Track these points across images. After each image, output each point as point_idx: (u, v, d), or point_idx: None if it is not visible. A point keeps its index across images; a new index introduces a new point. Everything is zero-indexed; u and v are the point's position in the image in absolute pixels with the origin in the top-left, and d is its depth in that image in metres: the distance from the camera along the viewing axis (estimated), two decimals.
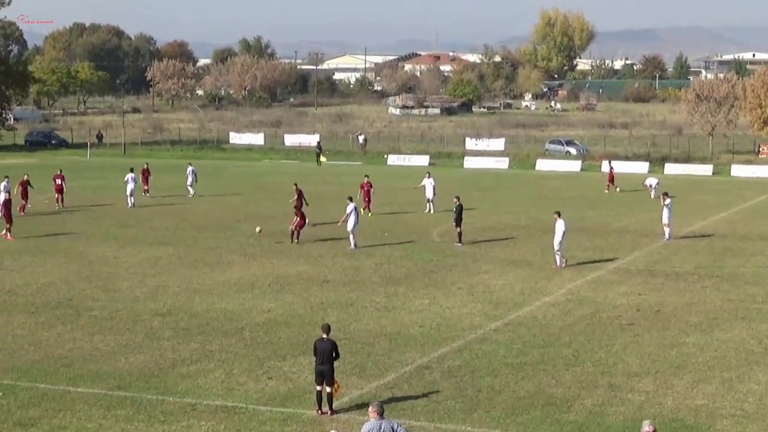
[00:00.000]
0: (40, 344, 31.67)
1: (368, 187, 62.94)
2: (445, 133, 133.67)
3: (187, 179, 73.22)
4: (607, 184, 77.63)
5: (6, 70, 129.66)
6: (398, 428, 20.01)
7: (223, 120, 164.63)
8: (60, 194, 66.06)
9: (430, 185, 63.34)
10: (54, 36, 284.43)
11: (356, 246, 49.13)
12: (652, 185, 72.83)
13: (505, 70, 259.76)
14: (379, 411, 20.10)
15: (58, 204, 65.70)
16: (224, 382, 27.94)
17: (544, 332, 33.49)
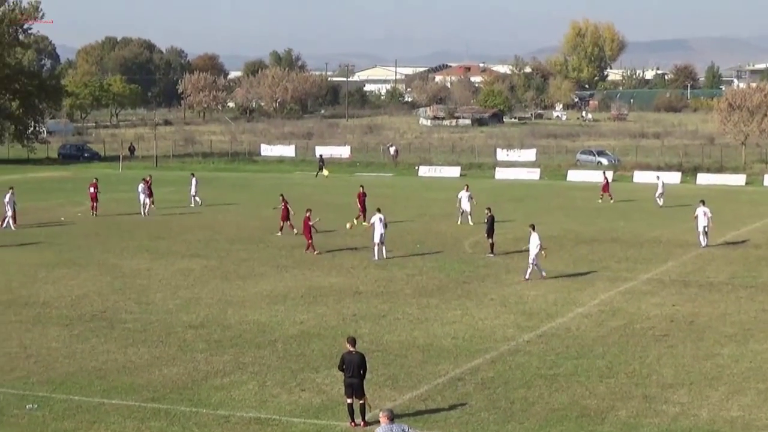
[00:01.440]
0: (74, 356, 31.79)
1: (363, 197, 63.48)
2: (476, 144, 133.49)
3: (191, 190, 73.97)
4: (601, 193, 77.44)
5: (39, 84, 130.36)
6: (409, 431, 20.44)
7: (255, 132, 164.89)
8: (94, 203, 66.70)
9: (467, 197, 63.02)
10: (86, 50, 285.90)
11: (378, 258, 49.17)
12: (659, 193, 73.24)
13: (535, 80, 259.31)
14: (389, 416, 20.50)
15: (92, 212, 66.40)
16: (257, 394, 27.97)
17: (577, 343, 33.38)
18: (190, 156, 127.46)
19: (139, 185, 68.63)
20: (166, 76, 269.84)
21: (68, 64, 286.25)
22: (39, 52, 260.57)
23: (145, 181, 69.18)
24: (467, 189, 64.38)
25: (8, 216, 61.46)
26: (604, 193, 77.03)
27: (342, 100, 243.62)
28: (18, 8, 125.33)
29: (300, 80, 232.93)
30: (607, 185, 77.75)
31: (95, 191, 67.68)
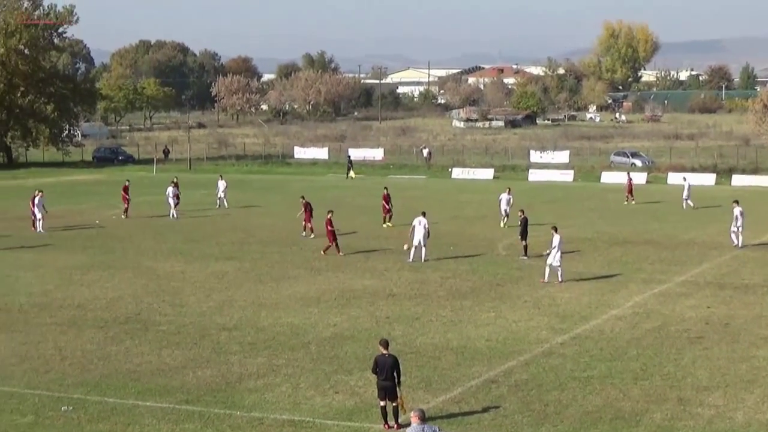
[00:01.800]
0: (109, 359, 31.93)
1: (387, 198, 64.00)
2: (509, 146, 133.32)
3: (218, 192, 74.44)
4: (626, 195, 77.18)
5: (74, 88, 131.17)
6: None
7: (288, 134, 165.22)
8: (126, 205, 67.57)
9: (506, 200, 62.71)
10: (120, 53, 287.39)
11: (414, 260, 49.20)
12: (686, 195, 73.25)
13: (568, 82, 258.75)
14: (420, 416, 20.54)
15: (124, 215, 66.90)
16: (291, 397, 28.01)
17: (611, 346, 33.27)
18: (224, 159, 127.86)
19: (168, 188, 69.15)
20: (200, 78, 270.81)
21: (102, 67, 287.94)
22: (74, 55, 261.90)
23: (174, 184, 69.61)
24: (509, 192, 63.83)
25: (38, 219, 61.82)
26: (629, 195, 76.84)
27: (375, 103, 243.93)
28: (53, 12, 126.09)
29: (333, 82, 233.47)
30: (630, 187, 77.51)
31: (125, 194, 68.51)
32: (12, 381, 29.52)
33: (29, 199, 63.81)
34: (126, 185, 69.57)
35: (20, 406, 27.29)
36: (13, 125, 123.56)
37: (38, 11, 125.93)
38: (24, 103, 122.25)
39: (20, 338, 34.61)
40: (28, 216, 63.43)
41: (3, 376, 29.99)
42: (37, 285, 44.22)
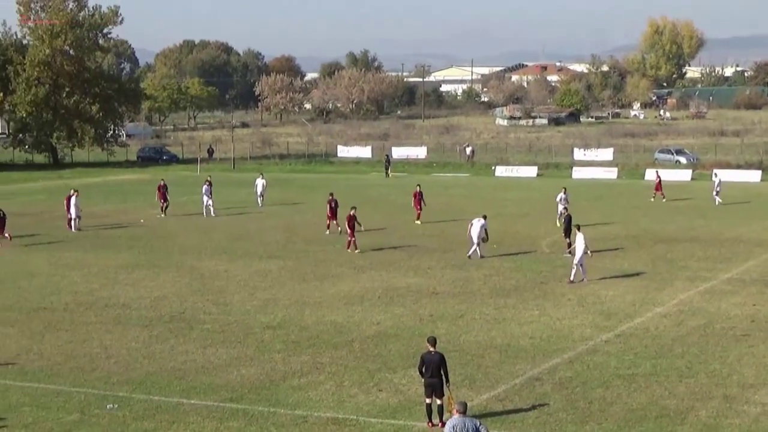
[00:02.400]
0: (153, 357, 32.10)
1: (419, 196, 64.16)
2: (552, 144, 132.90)
3: (257, 190, 75.01)
4: (654, 192, 76.70)
5: (119, 88, 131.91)
6: (480, 426, 20.63)
7: (331, 133, 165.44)
8: (163, 203, 68.86)
9: (564, 201, 61.71)
10: (165, 53, 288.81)
11: (471, 257, 49.58)
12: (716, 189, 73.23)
13: (612, 79, 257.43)
14: (461, 410, 20.66)
15: (161, 213, 67.97)
16: (335, 395, 28.05)
17: (656, 343, 33.11)
18: (267, 158, 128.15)
19: (204, 186, 69.68)
20: (244, 78, 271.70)
21: (147, 67, 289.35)
22: (118, 56, 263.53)
23: (209, 183, 70.16)
24: (565, 191, 63.10)
25: (74, 218, 62.27)
26: (657, 192, 76.35)
27: (418, 101, 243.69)
28: (98, 13, 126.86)
29: (376, 81, 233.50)
30: (659, 184, 77.06)
31: (162, 192, 69.33)
32: (58, 379, 29.74)
33: (64, 199, 64.26)
34: (161, 185, 70.12)
35: (66, 404, 27.49)
36: (59, 126, 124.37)
37: (83, 12, 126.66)
38: (69, 103, 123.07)
39: (66, 337, 34.86)
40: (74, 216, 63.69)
41: (49, 375, 30.22)
42: (83, 284, 44.52)
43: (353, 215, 52.81)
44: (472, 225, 50.41)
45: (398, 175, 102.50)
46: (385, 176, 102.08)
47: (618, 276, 44.82)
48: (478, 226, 50.06)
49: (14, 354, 32.64)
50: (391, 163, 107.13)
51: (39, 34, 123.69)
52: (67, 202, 63.17)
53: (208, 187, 69.66)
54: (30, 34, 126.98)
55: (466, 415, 20.69)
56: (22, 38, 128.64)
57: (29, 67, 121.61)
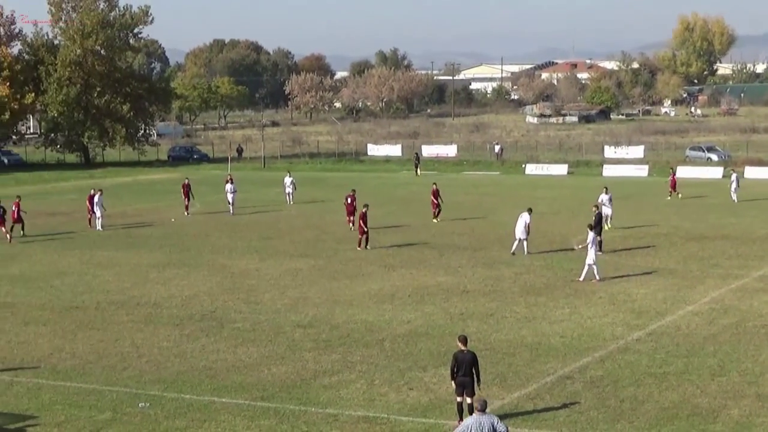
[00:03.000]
0: (185, 356, 32.20)
1: (437, 194, 64.26)
2: (583, 141, 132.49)
3: (286, 189, 75.63)
4: (670, 190, 76.29)
5: (149, 87, 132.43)
6: (498, 424, 20.48)
7: (361, 132, 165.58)
8: (187, 201, 69.64)
9: (608, 200, 59.18)
10: (195, 53, 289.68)
11: (515, 253, 50.12)
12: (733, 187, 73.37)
13: (643, 76, 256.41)
14: (480, 407, 20.55)
15: (185, 212, 68.84)
16: (365, 393, 28.07)
17: (687, 342, 32.99)
18: (297, 157, 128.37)
19: (227, 185, 70.35)
20: (274, 77, 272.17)
21: (177, 67, 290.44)
22: (149, 55, 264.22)
23: (231, 180, 71.09)
24: (607, 191, 60.37)
25: (98, 217, 62.58)
26: (673, 191, 75.96)
27: (448, 99, 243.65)
28: (128, 13, 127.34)
29: (406, 79, 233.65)
30: (674, 182, 76.68)
31: (186, 191, 69.91)
32: (90, 378, 29.88)
33: (87, 198, 64.62)
34: (185, 183, 70.69)
35: (98, 402, 27.61)
36: (90, 125, 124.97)
37: (114, 12, 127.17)
38: (100, 103, 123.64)
39: (98, 336, 35.02)
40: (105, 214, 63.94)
41: (81, 373, 30.36)
42: (114, 283, 44.71)
43: (365, 213, 53.09)
44: (518, 221, 50.58)
45: (428, 174, 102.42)
46: (415, 174, 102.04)
47: (649, 274, 44.67)
48: (521, 221, 50.32)
49: (47, 353, 32.81)
50: (420, 161, 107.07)
51: (70, 34, 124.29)
52: (90, 201, 63.55)
53: (232, 184, 70.17)
54: (61, 34, 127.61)
55: (486, 413, 20.59)
56: (53, 38, 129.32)
57: (61, 67, 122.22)
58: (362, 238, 52.93)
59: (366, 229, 52.76)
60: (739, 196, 72.39)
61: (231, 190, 69.77)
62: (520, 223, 50.26)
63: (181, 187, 70.96)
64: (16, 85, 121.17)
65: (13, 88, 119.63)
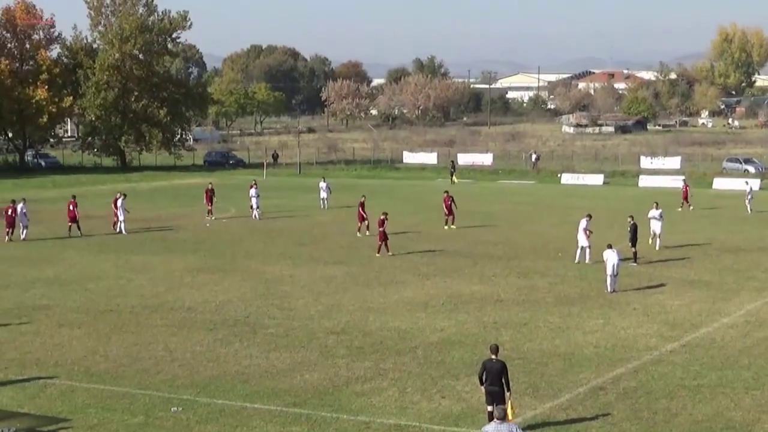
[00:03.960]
0: (218, 360, 32.27)
1: (449, 201, 64.48)
2: (619, 152, 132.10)
3: (320, 194, 76.41)
4: (682, 201, 75.96)
5: (186, 92, 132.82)
6: (516, 431, 20.48)
7: (397, 139, 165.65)
8: (209, 206, 70.69)
9: (658, 215, 55.98)
10: (232, 58, 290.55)
11: (578, 261, 50.46)
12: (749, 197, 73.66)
13: (680, 87, 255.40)
14: (498, 416, 20.64)
15: (209, 215, 69.94)
16: (398, 401, 28.05)
17: (722, 354, 32.81)
18: (333, 163, 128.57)
19: (251, 189, 70.96)
20: (310, 83, 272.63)
21: (214, 72, 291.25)
22: (186, 60, 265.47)
23: (255, 185, 71.87)
24: (657, 206, 56.70)
25: (121, 221, 62.94)
26: (685, 202, 75.69)
27: (484, 108, 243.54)
28: (167, 17, 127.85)
29: (442, 87, 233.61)
30: (686, 193, 76.42)
31: (209, 196, 70.96)
32: (123, 381, 29.99)
33: (112, 202, 65.00)
34: (208, 188, 71.88)
35: (131, 406, 27.71)
36: (127, 129, 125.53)
37: (153, 17, 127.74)
38: (138, 107, 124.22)
39: (132, 339, 35.15)
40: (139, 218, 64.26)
41: (115, 377, 30.48)
42: (149, 287, 44.87)
43: (383, 220, 53.64)
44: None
45: (464, 182, 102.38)
46: (451, 182, 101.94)
47: (684, 285, 44.48)
48: (580, 228, 50.69)
49: (81, 355, 32.97)
50: (456, 168, 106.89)
51: (109, 39, 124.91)
52: (115, 205, 63.92)
53: (256, 189, 70.85)
54: (100, 38, 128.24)
55: (504, 421, 20.59)
56: (92, 42, 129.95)
57: (99, 71, 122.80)
58: (381, 244, 53.38)
59: (385, 236, 53.39)
60: (747, 206, 73.01)
61: (255, 194, 70.22)
62: (580, 230, 50.60)
63: (204, 192, 71.85)
64: (55, 88, 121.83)
65: (51, 91, 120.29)
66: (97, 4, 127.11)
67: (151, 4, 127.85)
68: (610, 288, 43.12)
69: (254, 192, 70.47)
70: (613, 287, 43.12)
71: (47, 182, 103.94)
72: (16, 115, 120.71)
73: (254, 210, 70.25)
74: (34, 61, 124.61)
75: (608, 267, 43.21)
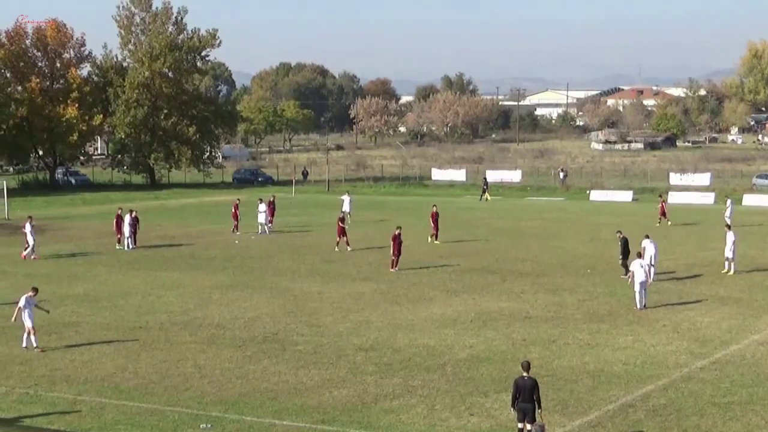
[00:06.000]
0: (246, 377, 32.31)
1: (436, 216, 65.57)
2: (648, 168, 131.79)
3: (344, 207, 77.25)
4: (660, 217, 75.78)
5: (215, 110, 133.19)
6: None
7: (425, 156, 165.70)
8: (236, 222, 71.92)
9: (731, 240, 53.26)
10: (261, 76, 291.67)
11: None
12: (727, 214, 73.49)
13: (710, 103, 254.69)
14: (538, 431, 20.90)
15: (234, 231, 71.23)
16: (426, 418, 28.01)
17: (752, 371, 32.64)
18: (362, 180, 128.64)
19: (260, 205, 71.79)
20: (339, 101, 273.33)
21: (243, 89, 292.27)
22: (216, 78, 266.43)
23: (268, 202, 73.47)
24: (729, 228, 55.01)
25: (128, 236, 63.43)
26: (662, 217, 75.65)
27: (513, 125, 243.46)
28: (196, 36, 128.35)
29: (471, 104, 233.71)
30: (663, 208, 76.38)
31: (236, 211, 72.19)
32: (153, 398, 30.06)
33: (117, 218, 65.45)
34: (236, 203, 73.31)
35: (160, 422, 27.76)
36: (157, 147, 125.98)
37: (182, 35, 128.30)
38: (167, 125, 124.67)
39: (161, 356, 35.23)
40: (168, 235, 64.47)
41: (144, 393, 30.55)
42: (178, 304, 44.99)
43: (398, 234, 54.47)
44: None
45: (493, 198, 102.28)
46: (479, 200, 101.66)
47: (714, 302, 44.30)
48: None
49: (110, 372, 33.06)
50: (488, 186, 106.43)
51: (139, 57, 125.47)
52: (117, 222, 64.85)
53: (263, 204, 71.77)
54: (130, 56, 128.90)
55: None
56: (122, 60, 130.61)
57: (129, 89, 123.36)
58: (395, 259, 53.95)
59: (398, 252, 54.13)
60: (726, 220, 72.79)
61: (262, 210, 71.18)
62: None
63: (233, 207, 73.03)
64: (85, 106, 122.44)
65: (81, 109, 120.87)
66: (127, 23, 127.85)
67: (181, 22, 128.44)
68: (639, 304, 42.95)
69: (262, 207, 71.42)
70: (643, 302, 42.92)
71: (77, 200, 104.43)
72: (46, 133, 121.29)
73: (266, 225, 71.12)
74: (64, 80, 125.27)
75: (636, 281, 42.99)
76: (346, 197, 78.19)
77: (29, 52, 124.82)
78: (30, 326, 36.13)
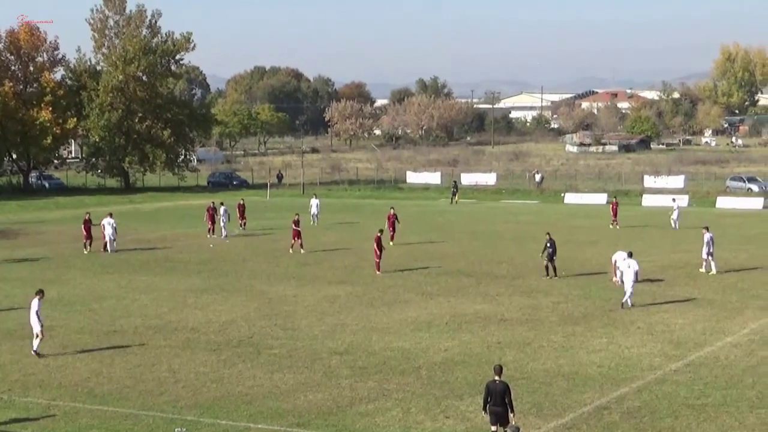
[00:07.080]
0: (221, 381, 32.24)
1: (393, 218, 66.48)
2: (623, 171, 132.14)
3: (311, 210, 78.27)
4: (612, 219, 76.28)
5: (190, 113, 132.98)
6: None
7: (400, 159, 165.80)
8: (212, 225, 71.90)
9: (707, 240, 53.91)
10: (236, 79, 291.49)
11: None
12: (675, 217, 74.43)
13: (683, 106, 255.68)
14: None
15: (209, 234, 71.43)
16: (401, 421, 28.00)
17: (726, 373, 32.75)
18: (337, 183, 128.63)
19: (221, 208, 71.89)
20: (314, 104, 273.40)
21: (218, 93, 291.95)
22: (190, 82, 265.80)
23: (239, 205, 75.25)
24: (708, 230, 54.97)
25: (108, 240, 63.42)
26: (614, 219, 76.13)
27: (488, 127, 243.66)
28: (171, 39, 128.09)
29: (446, 108, 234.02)
30: (615, 210, 76.78)
31: (210, 214, 72.19)
32: (127, 402, 29.96)
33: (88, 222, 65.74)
34: (210, 206, 73.08)
35: (135, 427, 27.67)
36: (131, 150, 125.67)
37: (156, 39, 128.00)
38: (141, 128, 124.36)
39: (135, 360, 35.12)
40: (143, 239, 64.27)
41: (118, 398, 30.45)
42: (152, 307, 44.88)
43: (379, 237, 54.69)
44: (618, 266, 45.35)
45: (468, 201, 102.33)
46: (451, 203, 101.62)
47: (688, 304, 44.44)
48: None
49: (84, 377, 32.94)
50: (458, 189, 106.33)
51: (113, 60, 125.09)
52: (86, 226, 65.05)
53: (223, 207, 72.00)
54: (104, 60, 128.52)
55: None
56: (96, 64, 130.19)
57: (102, 92, 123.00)
58: (378, 262, 54.06)
59: (380, 253, 54.29)
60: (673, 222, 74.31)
61: (223, 213, 71.37)
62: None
63: (206, 210, 73.02)
64: (59, 110, 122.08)
65: (55, 113, 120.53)
66: (101, 26, 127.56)
67: (155, 26, 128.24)
68: (630, 302, 43.06)
69: (223, 210, 71.52)
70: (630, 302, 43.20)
71: (51, 203, 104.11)
72: (20, 137, 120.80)
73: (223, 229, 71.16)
74: (38, 83, 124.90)
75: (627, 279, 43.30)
76: (314, 200, 78.88)
77: (2, 55, 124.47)
78: (38, 330, 35.90)
